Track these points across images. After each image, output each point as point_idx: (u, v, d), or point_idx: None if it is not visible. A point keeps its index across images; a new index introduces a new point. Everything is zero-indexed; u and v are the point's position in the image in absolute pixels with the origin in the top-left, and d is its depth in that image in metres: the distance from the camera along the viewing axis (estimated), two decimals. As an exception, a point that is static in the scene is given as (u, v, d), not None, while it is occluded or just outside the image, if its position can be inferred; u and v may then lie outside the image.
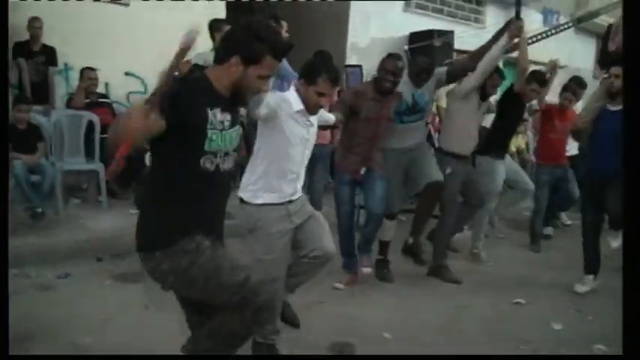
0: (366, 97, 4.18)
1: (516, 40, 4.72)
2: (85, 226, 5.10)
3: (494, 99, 5.56)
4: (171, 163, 2.16)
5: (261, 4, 10.41)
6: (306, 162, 3.23)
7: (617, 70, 4.52)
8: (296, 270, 3.25)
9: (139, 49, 6.68)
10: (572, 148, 6.83)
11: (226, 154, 2.25)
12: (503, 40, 4.50)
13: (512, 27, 4.50)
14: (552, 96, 6.38)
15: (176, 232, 2.19)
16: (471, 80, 4.73)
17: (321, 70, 3.11)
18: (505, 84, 5.36)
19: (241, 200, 3.09)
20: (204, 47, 5.71)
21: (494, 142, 5.42)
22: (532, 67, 5.54)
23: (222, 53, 2.21)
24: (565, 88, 6.14)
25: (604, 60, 5.19)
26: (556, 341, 3.79)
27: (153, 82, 6.79)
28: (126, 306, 3.83)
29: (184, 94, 2.10)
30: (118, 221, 5.30)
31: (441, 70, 4.52)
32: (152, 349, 3.16)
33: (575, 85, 6.06)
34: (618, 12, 5.39)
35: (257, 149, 3.11)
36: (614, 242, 4.56)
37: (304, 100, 3.10)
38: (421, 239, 4.89)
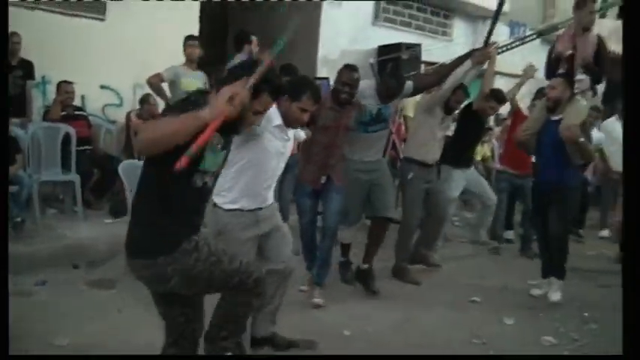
0: (324, 107, 4.19)
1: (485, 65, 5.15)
2: (61, 235, 5.25)
3: None
4: (166, 178, 2.24)
5: (234, 17, 10.66)
6: (279, 174, 3.34)
7: (553, 81, 4.85)
8: (269, 294, 3.29)
9: (114, 62, 6.81)
10: None
11: (213, 172, 2.43)
12: (466, 65, 4.80)
13: (478, 54, 4.84)
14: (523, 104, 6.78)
15: (175, 237, 2.35)
16: (434, 97, 5.12)
17: (306, 87, 3.28)
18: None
19: (214, 204, 3.20)
20: (175, 61, 5.95)
21: (451, 152, 5.71)
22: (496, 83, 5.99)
23: (231, 77, 2.33)
24: (534, 98, 6.49)
25: (549, 72, 5.45)
26: (506, 335, 4.08)
27: (129, 95, 7.02)
28: (101, 310, 4.01)
29: (194, 109, 2.17)
30: (94, 230, 5.46)
31: (408, 85, 4.72)
32: (126, 349, 3.36)
33: (542, 96, 6.37)
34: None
35: (232, 158, 3.09)
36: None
37: (285, 115, 3.21)
38: (372, 265, 4.88)
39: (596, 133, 7.39)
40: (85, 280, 4.61)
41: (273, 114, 3.14)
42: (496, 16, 5.11)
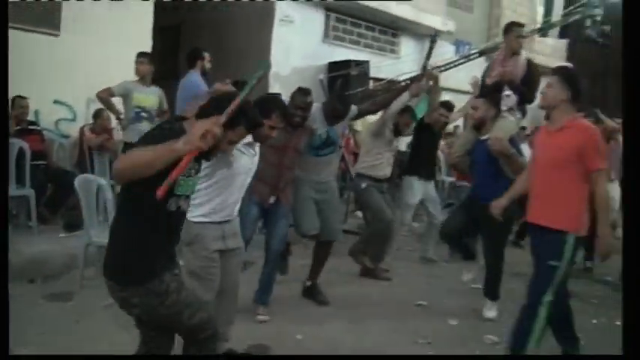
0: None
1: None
2: (16, 249, 5.22)
3: None
4: (141, 202, 2.36)
5: (186, 34, 10.82)
6: (245, 188, 3.47)
7: (475, 102, 5.10)
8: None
9: (67, 77, 6.87)
10: None
11: (187, 197, 2.55)
12: (405, 97, 5.17)
13: (414, 87, 5.16)
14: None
15: (146, 271, 2.45)
16: (381, 122, 5.59)
17: (275, 106, 3.50)
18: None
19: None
20: (126, 77, 6.05)
21: (413, 165, 6.25)
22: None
23: (205, 113, 2.42)
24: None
25: (482, 93, 5.54)
26: (451, 334, 4.34)
27: (82, 110, 7.07)
28: (58, 321, 4.10)
29: (169, 139, 2.24)
30: (49, 245, 5.48)
31: (353, 109, 4.95)
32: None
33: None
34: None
35: (202, 176, 3.19)
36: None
37: (255, 133, 3.23)
38: (318, 281, 5.09)
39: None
40: (42, 293, 4.66)
41: None
42: (429, 52, 5.53)
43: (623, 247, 2.96)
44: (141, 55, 6.14)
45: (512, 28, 5.41)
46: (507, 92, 5.05)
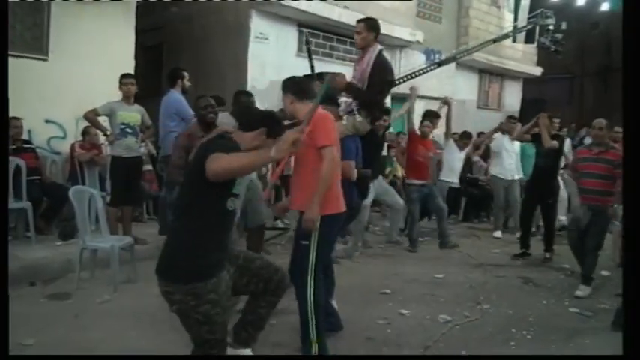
0: (197, 137, 4.67)
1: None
2: (17, 257, 5.70)
3: None
4: (206, 203, 2.74)
5: (168, 51, 11.35)
6: (242, 197, 3.96)
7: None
8: None
9: (57, 98, 7.38)
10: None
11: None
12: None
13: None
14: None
15: (196, 273, 2.76)
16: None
17: (262, 120, 3.87)
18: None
19: None
20: (113, 97, 6.54)
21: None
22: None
23: (249, 126, 2.93)
24: (424, 119, 7.52)
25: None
26: (409, 316, 4.88)
27: (72, 128, 7.56)
28: (59, 316, 4.58)
29: (234, 148, 2.76)
30: (46, 252, 5.99)
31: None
32: (86, 347, 3.96)
33: (433, 117, 7.48)
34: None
35: None
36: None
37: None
38: None
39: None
40: (44, 293, 5.13)
41: None
42: (308, 53, 5.72)
43: (624, 246, 3.09)
44: (128, 76, 6.60)
45: (356, 26, 4.98)
46: (343, 98, 4.86)
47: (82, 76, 7.54)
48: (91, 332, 4.25)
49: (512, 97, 16.78)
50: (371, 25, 4.88)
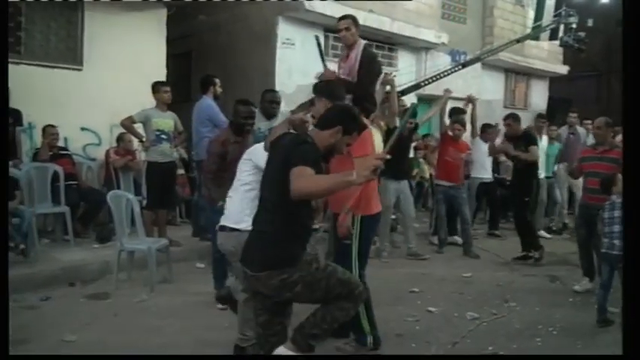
0: (229, 143, 4.86)
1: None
2: (57, 259, 5.96)
3: None
4: (298, 206, 2.88)
5: (196, 59, 11.58)
6: None
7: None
8: None
9: (92, 106, 7.63)
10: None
11: None
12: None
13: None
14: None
15: (298, 251, 2.93)
16: None
17: (339, 116, 3.79)
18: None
19: (235, 230, 3.74)
20: (146, 105, 6.76)
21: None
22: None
23: (327, 123, 3.08)
24: (454, 120, 7.58)
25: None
26: (438, 314, 4.98)
27: (106, 135, 7.80)
28: (99, 315, 4.79)
29: (319, 156, 2.95)
30: (84, 254, 6.22)
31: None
32: (123, 344, 4.13)
33: (458, 114, 7.57)
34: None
35: (249, 189, 3.76)
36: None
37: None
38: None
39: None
40: (83, 294, 5.35)
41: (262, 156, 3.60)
42: (320, 53, 5.54)
43: (624, 246, 3.08)
44: (163, 84, 6.82)
45: (340, 21, 4.89)
46: None
47: (115, 85, 7.79)
48: (130, 330, 4.46)
49: (539, 96, 16.65)
50: (356, 20, 4.89)
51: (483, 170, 8.89)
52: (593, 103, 19.80)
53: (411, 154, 9.21)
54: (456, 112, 7.73)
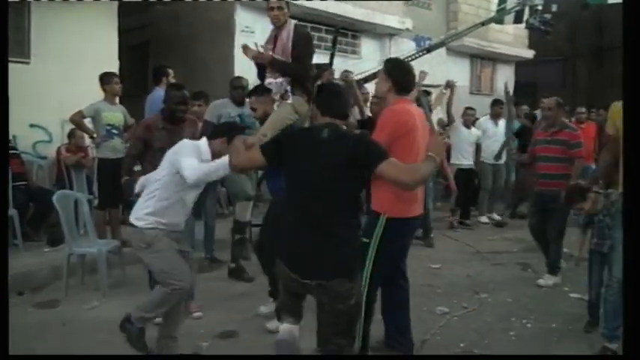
0: (157, 128, 4.48)
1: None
2: (4, 265, 5.63)
3: None
4: (357, 197, 2.87)
5: (154, 49, 11.21)
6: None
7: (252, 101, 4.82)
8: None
9: (41, 101, 7.23)
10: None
11: None
12: None
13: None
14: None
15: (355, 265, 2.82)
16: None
17: (238, 131, 3.54)
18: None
19: (133, 226, 3.57)
20: (96, 98, 6.39)
21: None
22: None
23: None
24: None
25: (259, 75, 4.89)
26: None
27: (57, 132, 7.43)
28: (47, 325, 4.46)
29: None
30: (34, 259, 5.86)
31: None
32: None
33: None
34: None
35: (157, 187, 3.53)
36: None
37: (215, 153, 3.47)
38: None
39: (474, 131, 8.61)
40: (32, 302, 5.01)
41: (204, 150, 3.51)
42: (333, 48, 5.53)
43: (624, 246, 2.94)
44: (112, 75, 6.49)
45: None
46: (269, 80, 4.50)
47: (65, 79, 7.41)
48: (79, 340, 4.16)
49: (505, 81, 16.60)
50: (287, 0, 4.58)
51: (461, 157, 8.67)
52: (559, 87, 19.86)
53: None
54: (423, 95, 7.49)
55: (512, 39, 15.79)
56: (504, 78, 16.61)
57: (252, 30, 9.72)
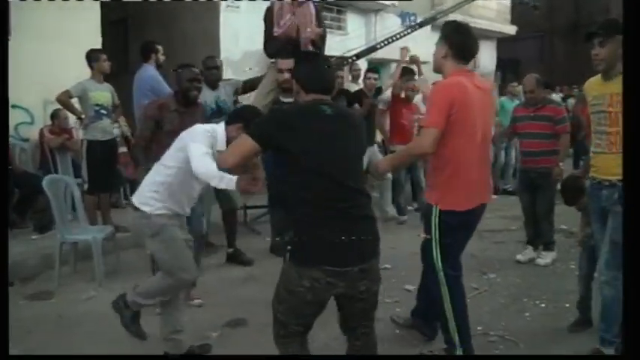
0: (169, 110, 4.28)
1: None
2: (-10, 254, 5.36)
3: None
4: None
5: (134, 26, 10.82)
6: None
7: (283, 63, 4.67)
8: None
9: (22, 81, 6.70)
10: None
11: None
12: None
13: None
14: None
15: None
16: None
17: (258, 116, 3.26)
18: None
19: (138, 211, 3.31)
20: (79, 75, 6.11)
21: None
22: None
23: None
24: (408, 80, 7.19)
25: (271, 48, 4.90)
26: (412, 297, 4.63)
27: (39, 113, 7.10)
28: (42, 318, 4.25)
29: None
30: (22, 247, 5.59)
31: (238, 81, 5.28)
32: (74, 349, 3.69)
33: (409, 74, 7.18)
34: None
35: (168, 173, 3.26)
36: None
37: (229, 140, 3.17)
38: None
39: None
40: (24, 294, 4.76)
41: (220, 138, 3.25)
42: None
43: (623, 245, 2.90)
44: (99, 51, 6.19)
45: None
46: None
47: (46, 57, 7.03)
48: (77, 333, 3.95)
49: (488, 57, 16.50)
50: None
51: None
52: (538, 63, 19.88)
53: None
54: (408, 72, 7.30)
55: (495, 15, 15.67)
56: (487, 54, 16.55)
57: (237, 6, 9.42)
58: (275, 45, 4.85)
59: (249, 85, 5.49)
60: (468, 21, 14.49)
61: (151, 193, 3.30)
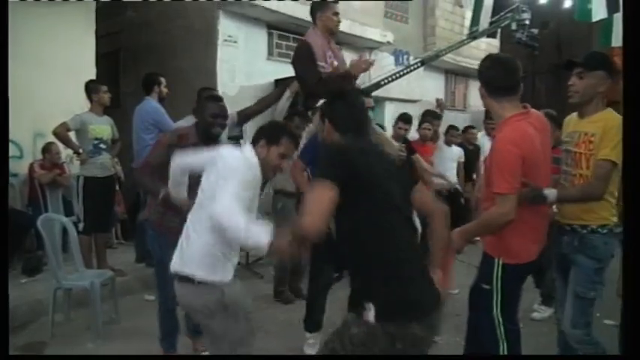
0: (188, 141, 3.63)
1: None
2: (-25, 300, 4.92)
3: None
4: None
5: (125, 58, 10.51)
6: None
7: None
8: None
9: (12, 112, 6.44)
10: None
11: None
12: (287, 93, 4.86)
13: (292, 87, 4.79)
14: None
15: None
16: None
17: (283, 129, 2.99)
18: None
19: (196, 281, 2.81)
20: (75, 110, 5.78)
21: None
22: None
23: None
24: (422, 121, 6.93)
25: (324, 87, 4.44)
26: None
27: (29, 146, 6.74)
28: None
29: None
30: (11, 293, 5.07)
31: (232, 115, 4.85)
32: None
33: (430, 118, 6.89)
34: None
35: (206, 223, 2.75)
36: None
37: (263, 163, 2.88)
38: None
39: (455, 149, 8.42)
40: (15, 345, 4.29)
41: (255, 172, 2.87)
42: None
43: (623, 246, 2.79)
44: (92, 82, 5.92)
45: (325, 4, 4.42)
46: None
47: (39, 87, 6.69)
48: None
49: (477, 97, 16.49)
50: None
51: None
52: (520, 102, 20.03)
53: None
54: (429, 115, 7.06)
55: (484, 55, 15.69)
56: (477, 94, 16.55)
57: (235, 40, 9.23)
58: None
59: (244, 114, 5.15)
60: (459, 60, 14.63)
61: (201, 257, 2.83)
